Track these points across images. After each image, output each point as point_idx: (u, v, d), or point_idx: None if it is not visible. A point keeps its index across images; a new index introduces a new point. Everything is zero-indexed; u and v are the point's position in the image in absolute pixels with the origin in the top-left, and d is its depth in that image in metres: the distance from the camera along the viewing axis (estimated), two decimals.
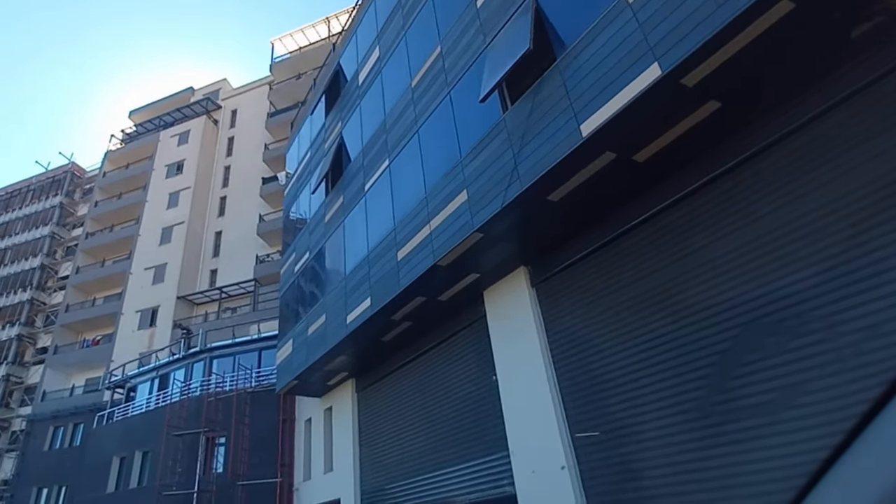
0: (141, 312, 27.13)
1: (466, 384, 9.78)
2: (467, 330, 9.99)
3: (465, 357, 9.94)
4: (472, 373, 9.67)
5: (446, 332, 10.48)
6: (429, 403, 10.77)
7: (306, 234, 14.85)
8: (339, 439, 13.34)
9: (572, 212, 7.65)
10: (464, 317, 10.07)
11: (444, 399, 10.34)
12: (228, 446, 16.08)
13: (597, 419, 7.16)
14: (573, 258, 7.99)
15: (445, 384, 10.38)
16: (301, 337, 13.43)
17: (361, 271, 11.10)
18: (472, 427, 9.47)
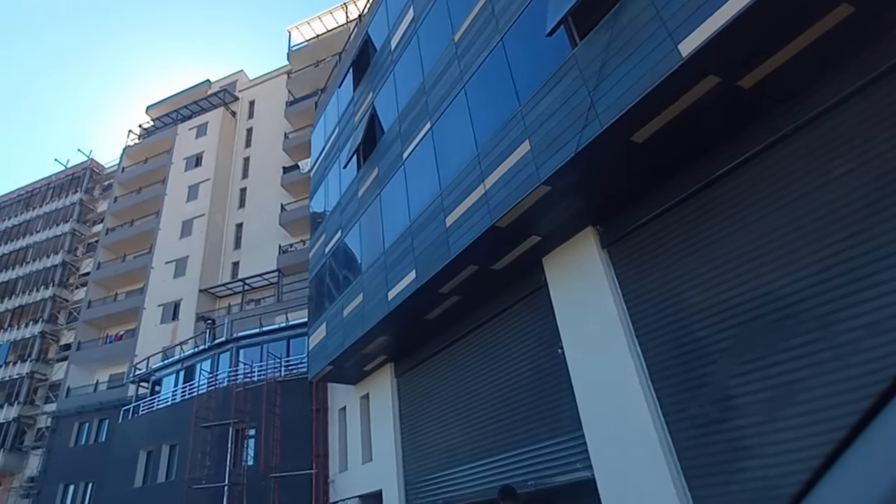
0: (163, 307, 26.66)
1: (525, 361, 8.91)
2: (524, 301, 9.12)
3: (523, 331, 9.07)
4: (532, 348, 8.80)
5: (500, 305, 9.62)
6: (480, 385, 9.92)
7: (337, 213, 14.08)
8: (379, 427, 12.55)
9: (657, 156, 6.74)
10: (520, 287, 9.19)
11: (499, 379, 9.48)
12: (259, 438, 15.40)
13: (692, 390, 6.25)
14: (655, 212, 7.07)
15: (500, 362, 9.53)
16: (336, 319, 12.66)
17: (403, 243, 10.28)
18: (533, 407, 8.60)
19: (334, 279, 13.46)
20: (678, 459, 6.20)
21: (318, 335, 13.61)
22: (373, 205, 12.04)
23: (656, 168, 6.98)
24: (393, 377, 12.56)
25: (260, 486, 14.75)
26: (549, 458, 8.08)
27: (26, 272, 33.32)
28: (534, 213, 7.69)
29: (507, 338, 9.47)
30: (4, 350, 30.55)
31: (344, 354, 12.23)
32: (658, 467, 6.24)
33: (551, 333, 8.38)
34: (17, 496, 25.89)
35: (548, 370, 8.39)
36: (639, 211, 7.35)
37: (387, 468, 11.78)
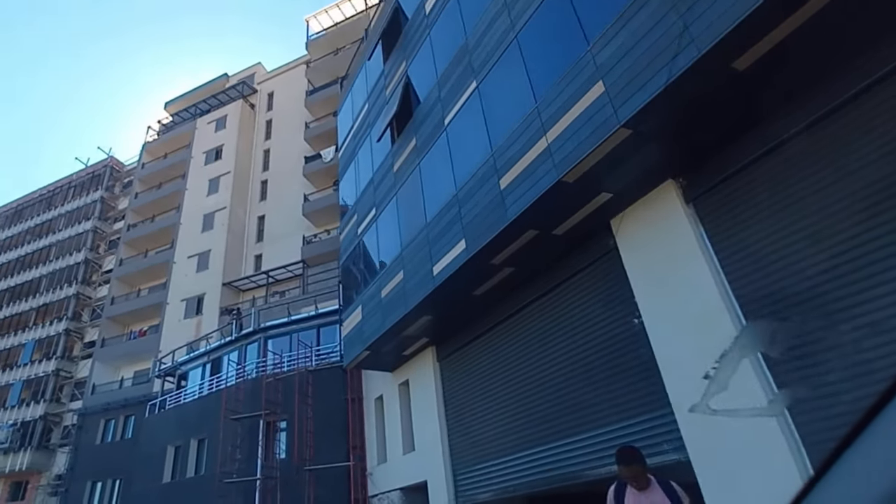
0: (186, 301, 26.24)
1: (590, 336, 8.08)
2: (589, 270, 8.27)
3: (587, 303, 8.22)
4: (599, 321, 7.96)
5: (559, 276, 8.78)
6: (537, 365, 9.10)
7: (370, 191, 13.35)
8: (421, 415, 11.80)
9: (757, 87, 5.87)
10: (584, 254, 8.36)
11: (559, 357, 8.66)
12: (291, 430, 14.74)
13: (810, 357, 5.38)
14: (755, 155, 6.18)
15: (559, 340, 8.70)
16: (373, 301, 11.93)
17: (450, 213, 9.49)
18: (603, 386, 7.76)
19: (369, 260, 12.73)
20: (798, 434, 5.33)
21: (352, 320, 12.90)
22: (411, 177, 11.27)
23: (752, 105, 6.10)
24: (435, 361, 11.79)
25: (294, 480, 14.10)
26: (625, 442, 7.23)
27: (49, 270, 33.21)
28: (606, 164, 6.85)
29: (567, 312, 8.64)
30: (30, 348, 30.43)
31: (383, 338, 11.49)
32: (773, 441, 5.37)
33: (624, 302, 7.54)
34: (44, 494, 25.66)
35: (620, 344, 7.55)
36: (729, 159, 6.47)
37: (432, 458, 11.02)
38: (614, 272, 7.76)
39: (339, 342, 15.56)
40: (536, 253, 8.68)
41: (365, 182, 13.83)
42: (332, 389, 14.82)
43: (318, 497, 13.53)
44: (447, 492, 10.39)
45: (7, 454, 27.03)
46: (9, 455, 26.97)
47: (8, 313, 33.05)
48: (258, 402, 15.42)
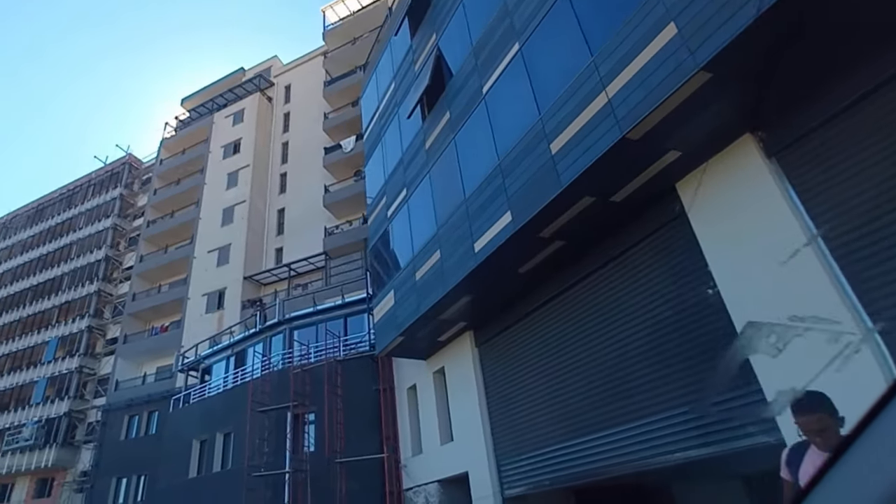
0: (207, 296, 25.94)
1: (655, 310, 7.42)
2: (652, 239, 7.61)
3: (650, 276, 7.56)
4: (665, 293, 7.29)
5: (616, 248, 8.13)
6: (590, 346, 8.47)
7: (399, 172, 12.78)
8: (459, 403, 11.22)
9: (858, 24, 5.18)
10: (645, 223, 7.70)
11: (616, 336, 8.02)
12: (321, 421, 14.25)
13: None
14: (850, 100, 5.49)
15: (616, 317, 8.06)
16: (406, 285, 11.37)
17: (492, 185, 8.88)
18: (671, 365, 7.10)
19: (400, 242, 12.17)
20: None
21: (384, 305, 12.35)
22: (445, 152, 10.68)
23: (849, 42, 5.40)
24: (473, 346, 11.20)
25: (324, 473, 13.60)
26: (700, 425, 6.57)
27: (71, 268, 33.18)
28: (677, 118, 6.19)
29: (624, 288, 7.99)
30: (53, 346, 30.41)
31: (418, 322, 10.92)
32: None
33: (695, 272, 6.87)
34: (70, 491, 25.56)
35: (691, 318, 6.88)
36: (819, 105, 5.78)
37: (473, 448, 10.43)
38: (682, 240, 7.10)
39: (368, 331, 15.07)
40: (590, 223, 8.04)
41: (393, 163, 13.27)
42: (361, 380, 14.30)
43: (351, 491, 13.02)
44: (491, 483, 9.80)
45: (33, 451, 26.99)
46: (34, 452, 26.93)
47: (31, 311, 33.10)
48: (285, 393, 14.97)
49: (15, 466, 27.27)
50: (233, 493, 15.11)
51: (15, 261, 37.03)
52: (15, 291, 35.09)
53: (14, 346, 32.28)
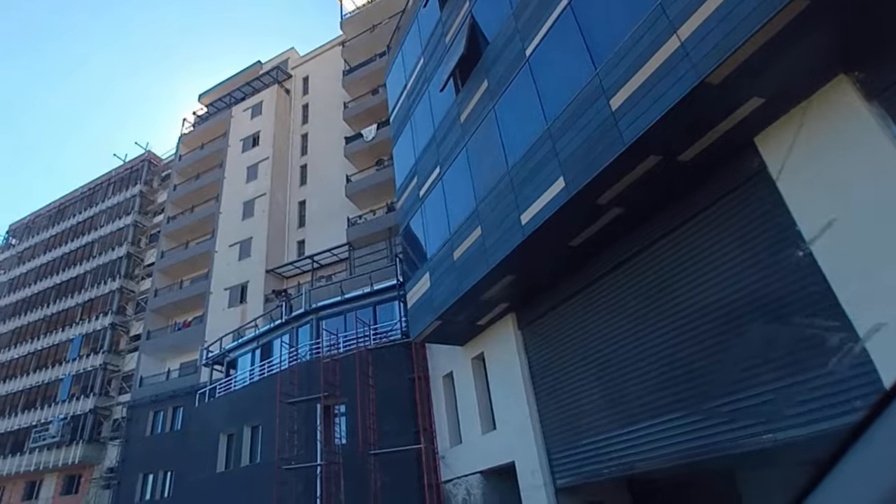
0: (230, 290, 25.64)
1: (731, 279, 6.72)
2: (727, 200, 6.90)
3: (725, 241, 6.86)
4: (744, 259, 6.58)
5: (683, 213, 7.45)
6: (652, 321, 7.80)
7: (432, 149, 12.19)
8: (502, 391, 10.61)
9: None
10: (717, 183, 7.00)
11: (683, 311, 7.34)
12: (352, 413, 13.74)
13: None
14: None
15: (682, 290, 7.38)
16: (443, 265, 10.78)
17: (540, 151, 8.25)
18: (752, 337, 6.41)
19: (435, 222, 11.58)
20: None
21: (419, 289, 11.78)
22: (484, 123, 10.05)
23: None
24: (516, 329, 10.58)
25: (357, 466, 13.09)
26: (793, 401, 5.89)
27: (93, 266, 33.19)
28: (763, 57, 5.50)
29: (691, 256, 7.31)
30: (77, 343, 30.41)
31: (457, 304, 10.32)
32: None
33: (777, 234, 6.17)
34: (97, 487, 25.47)
35: (776, 285, 6.18)
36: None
37: (519, 437, 9.81)
38: (763, 200, 6.40)
39: (400, 319, 14.54)
40: (653, 187, 7.37)
41: (425, 141, 12.68)
42: (394, 369, 13.76)
43: (386, 484, 12.49)
44: (542, 474, 9.18)
45: (60, 448, 26.98)
46: (61, 449, 26.92)
47: (55, 310, 33.18)
48: (314, 384, 14.48)
49: (42, 463, 27.29)
50: (262, 486, 14.70)
51: (38, 260, 37.23)
52: (39, 290, 35.25)
53: (39, 345, 32.38)
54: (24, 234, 40.59)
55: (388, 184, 23.08)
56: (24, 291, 36.27)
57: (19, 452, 28.79)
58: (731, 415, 6.65)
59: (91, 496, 25.35)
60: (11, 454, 29.15)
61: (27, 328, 34.04)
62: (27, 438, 28.63)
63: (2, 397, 31.94)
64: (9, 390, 31.82)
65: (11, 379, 32.27)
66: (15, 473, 28.51)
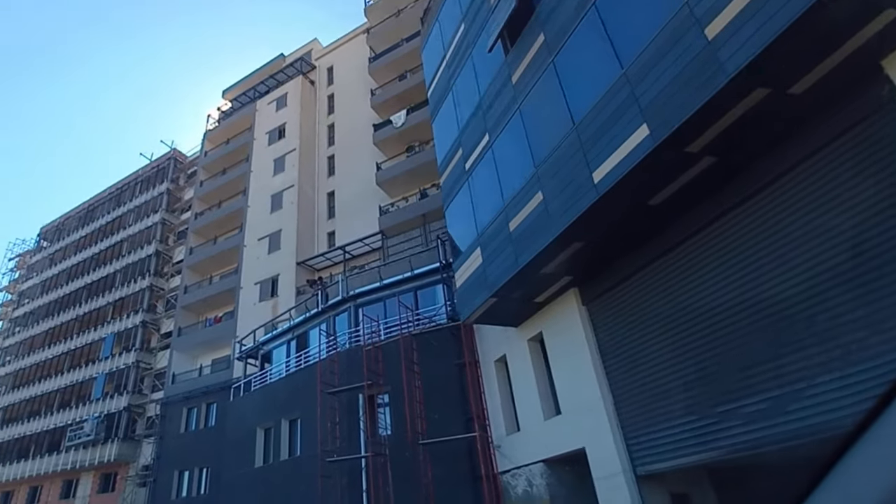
0: (260, 284, 25.21)
1: (851, 230, 5.79)
2: (844, 140, 5.97)
3: (844, 185, 5.93)
4: (871, 204, 5.66)
5: (789, 158, 6.51)
6: (749, 286, 6.90)
7: (478, 117, 11.39)
8: (567, 372, 9.76)
9: None
10: (832, 120, 6.07)
11: (789, 271, 6.43)
12: (397, 402, 13.03)
13: None
14: None
15: (789, 245, 6.46)
16: (497, 238, 9.97)
17: (615, 99, 7.39)
18: (881, 296, 5.48)
19: (485, 193, 10.79)
20: None
21: (468, 267, 11.00)
22: (541, 81, 9.22)
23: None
24: (580, 305, 9.72)
25: (404, 457, 12.38)
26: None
27: (123, 265, 33.17)
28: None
29: (800, 208, 6.38)
30: (109, 342, 30.37)
31: (515, 280, 9.50)
32: None
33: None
34: (133, 485, 25.27)
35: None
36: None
37: (590, 421, 8.96)
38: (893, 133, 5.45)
39: (445, 302, 13.78)
40: (755, 129, 6.46)
41: (469, 111, 11.89)
42: (440, 354, 13.02)
43: (437, 476, 11.74)
44: (620, 460, 8.31)
45: (95, 446, 26.89)
46: (97, 447, 26.82)
47: (87, 309, 33.24)
48: (355, 373, 13.83)
49: (79, 462, 27.23)
50: (304, 481, 14.10)
51: (69, 261, 37.44)
52: (71, 291, 35.41)
53: (72, 344, 32.46)
54: (55, 235, 40.93)
55: (419, 170, 22.38)
56: (56, 292, 36.50)
57: (56, 451, 28.83)
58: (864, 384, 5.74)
59: (127, 494, 25.16)
60: (48, 453, 29.21)
61: (60, 328, 34.20)
62: (63, 437, 28.64)
63: (37, 397, 32.11)
64: (44, 390, 31.96)
65: (46, 379, 32.42)
66: (52, 472, 28.54)
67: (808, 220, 6.27)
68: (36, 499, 30.13)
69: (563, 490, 9.85)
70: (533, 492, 10.24)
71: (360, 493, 12.83)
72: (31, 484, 30.70)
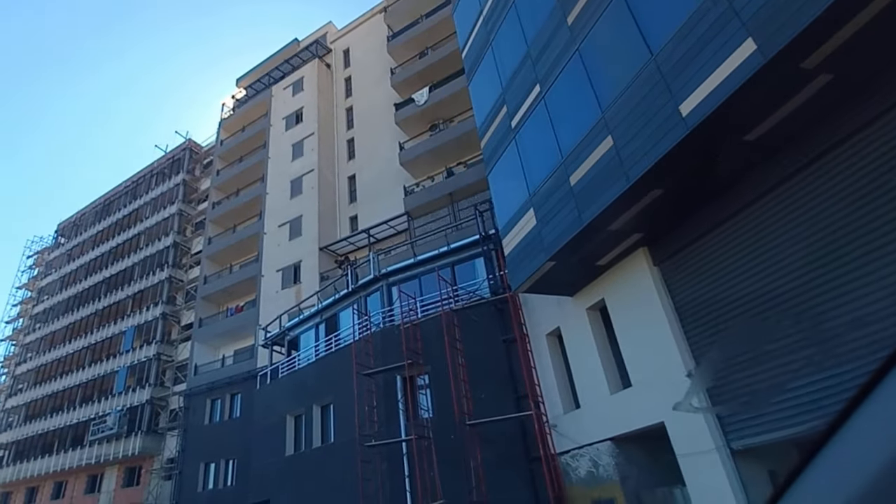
0: (282, 271, 24.49)
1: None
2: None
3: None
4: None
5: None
6: (875, 225, 5.92)
7: (526, 69, 10.44)
8: (637, 340, 8.82)
9: None
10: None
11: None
12: (440, 381, 12.21)
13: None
14: None
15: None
16: (555, 195, 9.05)
17: (706, 19, 6.43)
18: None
19: (537, 149, 9.87)
20: None
21: (520, 230, 10.09)
22: (605, 16, 8.25)
23: None
24: (652, 266, 8.77)
25: (448, 440, 11.56)
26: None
27: (141, 258, 32.69)
28: None
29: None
30: (130, 335, 29.91)
31: (579, 238, 8.58)
32: None
33: None
34: (158, 478, 24.77)
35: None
36: None
37: (672, 392, 8.00)
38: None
39: (487, 276, 12.89)
40: (890, 35, 5.47)
41: (514, 64, 10.95)
42: (484, 331, 12.17)
43: (487, 459, 10.89)
44: (711, 434, 7.38)
45: (119, 440, 26.44)
46: (120, 440, 26.36)
47: (106, 303, 32.83)
48: (391, 354, 13.02)
49: (103, 456, 26.82)
50: (340, 468, 13.35)
51: (87, 256, 37.11)
52: (89, 285, 35.06)
53: (93, 339, 32.10)
54: (72, 232, 40.63)
55: (444, 148, 21.51)
56: (75, 288, 36.19)
57: (79, 446, 28.46)
58: None
59: (152, 487, 24.65)
60: (72, 448, 28.87)
61: (80, 323, 33.87)
62: (86, 432, 28.26)
63: (59, 392, 31.80)
64: (66, 385, 31.64)
65: (68, 374, 32.10)
66: (77, 467, 28.19)
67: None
68: (61, 494, 29.82)
69: (633, 470, 8.95)
70: (599, 473, 9.35)
71: (402, 478, 12.04)
72: (55, 479, 30.42)
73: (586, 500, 9.49)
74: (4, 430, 34.36)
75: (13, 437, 33.07)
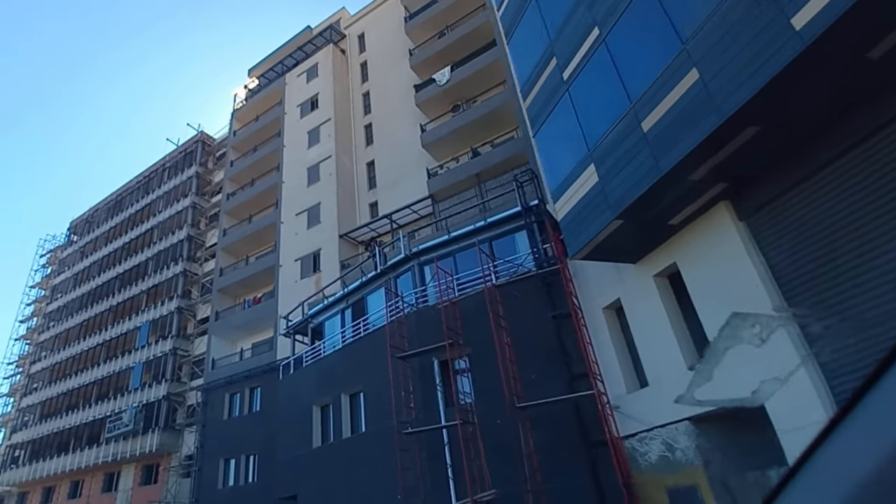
0: (301, 260, 23.65)
1: None
2: None
3: None
4: None
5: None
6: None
7: (579, 14, 9.44)
8: (722, 305, 7.78)
9: None
10: None
11: None
12: (483, 363, 11.27)
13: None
14: None
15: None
16: (623, 145, 8.07)
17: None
18: None
19: (598, 99, 8.90)
20: None
21: (578, 190, 9.11)
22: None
23: None
24: (737, 221, 7.76)
25: (495, 425, 10.61)
26: None
27: (154, 252, 32.04)
28: None
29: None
30: (145, 330, 29.24)
31: (654, 190, 7.57)
32: None
33: None
34: (177, 476, 24.02)
35: None
36: None
37: (769, 360, 7.00)
38: None
39: (532, 249, 11.93)
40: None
41: (564, 12, 9.96)
42: (530, 307, 11.22)
43: (540, 444, 9.94)
44: (823, 406, 6.37)
45: (136, 437, 25.73)
46: (137, 438, 25.65)
47: (120, 299, 32.21)
48: (427, 336, 12.11)
49: (119, 453, 26.12)
50: (372, 458, 12.47)
51: (100, 252, 36.58)
52: (103, 282, 34.50)
53: (108, 335, 31.49)
54: (85, 228, 40.14)
55: (469, 128, 20.59)
56: (88, 284, 35.66)
57: (95, 444, 27.81)
58: None
59: (171, 485, 23.90)
60: (88, 446, 28.23)
61: (95, 320, 33.29)
62: (102, 430, 27.57)
63: (75, 390, 31.22)
64: (81, 382, 31.05)
65: (83, 371, 31.51)
66: (93, 465, 27.54)
67: None
68: (78, 493, 29.20)
69: (717, 455, 7.95)
70: (675, 457, 8.35)
71: (443, 467, 11.12)
72: (71, 478, 29.82)
73: (659, 487, 8.50)
74: (20, 430, 33.85)
75: (29, 436, 32.54)
